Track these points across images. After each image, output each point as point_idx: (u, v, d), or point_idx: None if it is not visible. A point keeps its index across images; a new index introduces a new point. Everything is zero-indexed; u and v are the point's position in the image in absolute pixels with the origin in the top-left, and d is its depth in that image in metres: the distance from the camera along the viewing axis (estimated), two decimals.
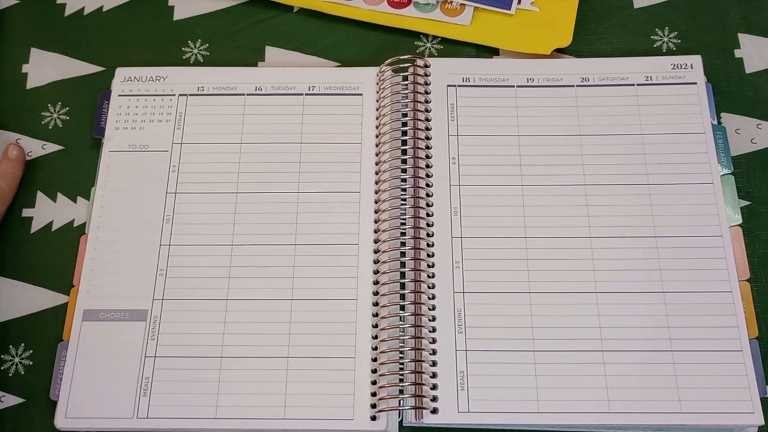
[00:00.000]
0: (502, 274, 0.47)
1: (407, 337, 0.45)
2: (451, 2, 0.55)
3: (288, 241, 0.48)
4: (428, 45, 0.55)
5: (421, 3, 0.56)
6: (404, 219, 0.48)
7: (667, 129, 0.50)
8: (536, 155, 0.50)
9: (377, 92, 0.52)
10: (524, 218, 0.48)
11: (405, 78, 0.52)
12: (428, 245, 0.47)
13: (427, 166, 0.49)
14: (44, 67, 0.56)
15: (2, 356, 0.48)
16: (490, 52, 0.55)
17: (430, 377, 0.44)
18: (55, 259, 0.50)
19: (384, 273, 0.46)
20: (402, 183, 0.49)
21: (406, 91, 0.51)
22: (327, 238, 0.48)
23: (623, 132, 0.50)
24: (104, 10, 0.58)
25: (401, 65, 0.52)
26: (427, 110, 0.51)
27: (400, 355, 0.45)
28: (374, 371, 0.45)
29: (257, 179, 0.50)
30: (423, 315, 0.45)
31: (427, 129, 0.50)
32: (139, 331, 0.46)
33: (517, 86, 0.52)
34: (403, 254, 0.47)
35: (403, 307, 0.46)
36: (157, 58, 0.56)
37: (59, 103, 0.55)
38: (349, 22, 0.56)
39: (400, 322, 0.45)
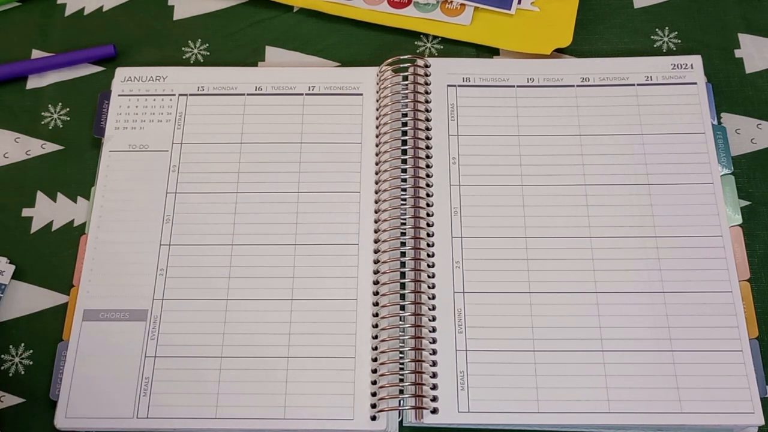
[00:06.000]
0: (502, 274, 0.47)
1: (407, 337, 0.45)
2: (451, 2, 0.55)
3: (288, 241, 0.48)
4: (428, 45, 0.55)
5: (421, 3, 0.56)
6: (404, 219, 0.48)
7: (667, 129, 0.50)
8: (536, 155, 0.50)
9: (377, 92, 0.52)
10: (524, 218, 0.48)
11: (405, 78, 0.52)
12: (428, 245, 0.47)
13: (427, 166, 0.49)
14: None
15: (2, 356, 0.48)
16: (490, 52, 0.55)
17: (430, 377, 0.44)
18: (55, 259, 0.50)
19: (384, 273, 0.46)
20: (402, 183, 0.49)
21: (406, 91, 0.51)
22: (327, 238, 0.48)
23: (623, 132, 0.50)
24: (104, 10, 0.58)
25: (401, 65, 0.52)
26: (427, 110, 0.51)
27: (400, 355, 0.45)
28: (374, 371, 0.45)
29: (257, 179, 0.50)
30: (423, 315, 0.45)
31: (427, 129, 0.50)
32: (139, 331, 0.46)
33: (518, 86, 0.52)
34: (403, 254, 0.47)
35: (403, 307, 0.46)
36: (157, 58, 0.56)
37: (59, 103, 0.55)
38: (349, 22, 0.56)
39: (400, 322, 0.45)
